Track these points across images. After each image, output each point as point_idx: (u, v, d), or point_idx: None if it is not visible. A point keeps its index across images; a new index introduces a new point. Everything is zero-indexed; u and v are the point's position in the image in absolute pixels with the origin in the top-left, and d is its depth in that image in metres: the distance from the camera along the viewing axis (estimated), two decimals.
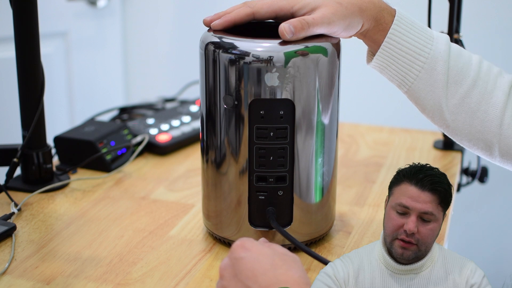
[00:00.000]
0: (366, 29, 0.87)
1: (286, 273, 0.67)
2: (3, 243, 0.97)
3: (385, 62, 0.88)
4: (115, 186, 1.17)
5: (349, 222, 1.04)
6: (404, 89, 0.89)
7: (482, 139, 0.88)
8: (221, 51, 0.87)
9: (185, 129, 1.36)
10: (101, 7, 2.23)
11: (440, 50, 0.87)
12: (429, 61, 0.87)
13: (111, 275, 0.89)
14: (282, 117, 0.87)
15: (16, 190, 1.13)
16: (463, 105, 0.88)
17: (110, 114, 1.55)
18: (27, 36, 1.08)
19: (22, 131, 1.12)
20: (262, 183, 0.90)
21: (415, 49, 0.87)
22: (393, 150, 1.36)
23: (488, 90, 0.87)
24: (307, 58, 0.86)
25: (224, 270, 0.69)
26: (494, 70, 0.89)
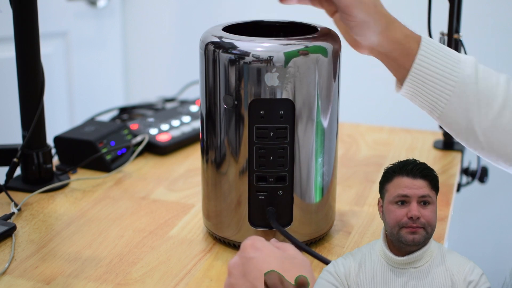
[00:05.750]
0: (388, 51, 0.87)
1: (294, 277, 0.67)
2: (3, 243, 0.97)
3: (415, 89, 0.88)
4: (115, 186, 1.17)
5: (349, 222, 1.04)
6: (436, 115, 0.89)
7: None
8: (221, 51, 0.87)
9: (185, 129, 1.36)
10: (101, 7, 2.23)
11: (468, 73, 0.87)
12: (458, 85, 0.87)
13: (111, 275, 0.89)
14: (282, 117, 0.87)
15: (16, 190, 1.13)
16: (496, 126, 0.88)
17: (110, 114, 1.55)
18: (27, 36, 1.08)
19: (22, 131, 1.12)
20: (262, 183, 0.90)
21: (444, 73, 0.87)
22: (393, 150, 1.36)
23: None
24: (307, 58, 0.86)
25: (233, 268, 0.70)
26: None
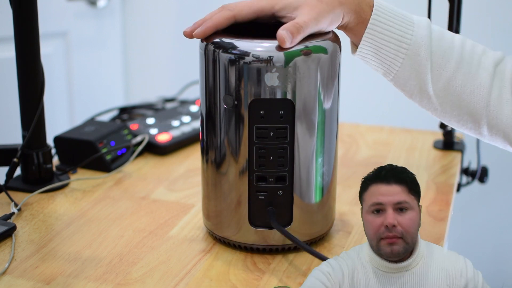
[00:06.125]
0: (347, 22, 0.87)
1: None
2: (3, 243, 0.97)
3: (368, 53, 0.89)
4: (115, 186, 1.17)
5: (349, 222, 1.04)
6: (390, 77, 0.90)
7: (470, 120, 0.89)
8: (221, 51, 0.87)
9: (185, 129, 1.36)
10: (101, 7, 2.23)
11: (421, 35, 0.87)
12: (412, 47, 0.87)
13: (111, 275, 0.89)
14: (282, 117, 0.87)
15: (16, 190, 1.13)
16: (448, 88, 0.88)
17: (110, 114, 1.55)
18: (27, 36, 1.08)
19: (22, 131, 1.12)
20: (262, 183, 0.90)
21: (396, 36, 0.87)
22: (393, 150, 1.36)
23: (472, 72, 0.88)
24: (307, 58, 0.86)
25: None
26: (478, 50, 0.90)
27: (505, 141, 0.89)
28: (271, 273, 0.89)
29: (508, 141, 0.89)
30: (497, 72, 0.88)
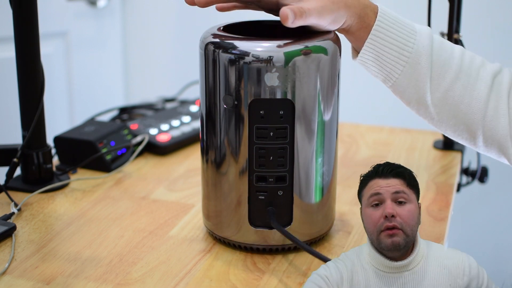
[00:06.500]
0: (349, 25, 0.87)
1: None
2: (3, 243, 0.97)
3: (369, 59, 0.89)
4: (115, 186, 1.17)
5: (349, 222, 1.04)
6: (389, 83, 0.90)
7: (466, 130, 0.90)
8: (221, 51, 0.87)
9: (185, 129, 1.36)
10: (101, 7, 2.23)
11: (423, 45, 0.87)
12: (413, 56, 0.87)
13: (111, 275, 0.89)
14: (282, 117, 0.87)
15: (16, 190, 1.13)
16: (446, 98, 0.88)
17: (110, 114, 1.55)
18: (27, 36, 1.08)
19: (22, 131, 1.12)
20: (262, 183, 0.90)
21: (399, 44, 0.87)
22: (393, 150, 1.36)
23: (470, 83, 0.88)
24: (307, 58, 0.86)
25: None
26: (476, 62, 0.90)
27: (499, 152, 0.90)
28: (271, 273, 0.89)
29: (502, 152, 0.89)
30: (494, 84, 0.89)
